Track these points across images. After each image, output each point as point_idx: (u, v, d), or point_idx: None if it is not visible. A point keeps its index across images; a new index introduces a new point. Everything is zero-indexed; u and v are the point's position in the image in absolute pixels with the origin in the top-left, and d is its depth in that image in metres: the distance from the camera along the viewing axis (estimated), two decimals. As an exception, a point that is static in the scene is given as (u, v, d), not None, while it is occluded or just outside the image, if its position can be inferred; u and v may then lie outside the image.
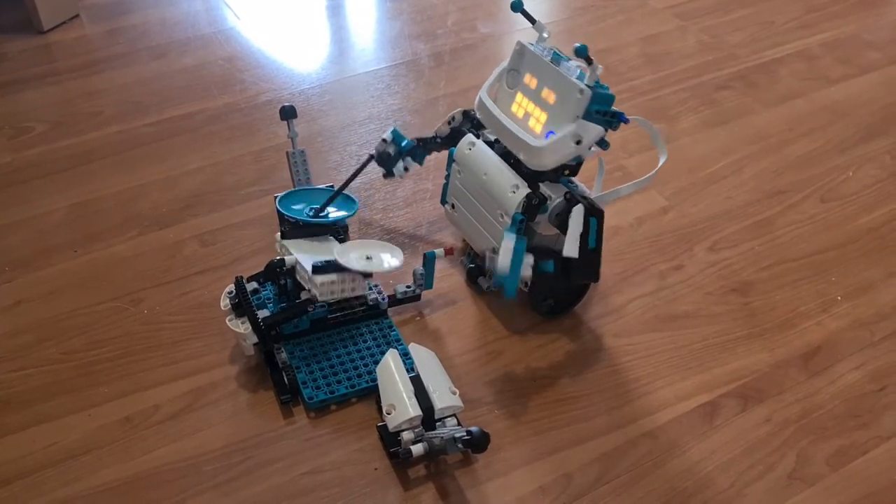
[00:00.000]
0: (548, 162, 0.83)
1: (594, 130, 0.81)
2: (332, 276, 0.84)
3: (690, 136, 1.26)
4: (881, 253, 1.05)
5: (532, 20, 0.87)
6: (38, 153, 1.21)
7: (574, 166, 0.87)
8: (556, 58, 0.84)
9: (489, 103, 0.89)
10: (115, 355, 0.90)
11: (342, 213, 0.93)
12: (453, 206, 0.96)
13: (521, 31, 1.53)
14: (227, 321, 0.84)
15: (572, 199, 0.84)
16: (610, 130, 0.82)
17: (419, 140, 0.99)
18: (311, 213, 0.91)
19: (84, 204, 1.12)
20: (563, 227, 0.87)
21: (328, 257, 0.84)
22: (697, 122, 1.29)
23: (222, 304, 0.86)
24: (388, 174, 1.00)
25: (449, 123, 0.99)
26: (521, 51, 0.87)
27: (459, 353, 0.91)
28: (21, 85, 1.37)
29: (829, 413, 0.86)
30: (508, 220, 0.85)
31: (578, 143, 0.81)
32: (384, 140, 0.98)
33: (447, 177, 0.96)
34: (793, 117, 1.30)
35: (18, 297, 0.97)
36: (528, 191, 0.84)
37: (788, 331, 0.95)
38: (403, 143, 0.97)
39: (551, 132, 0.83)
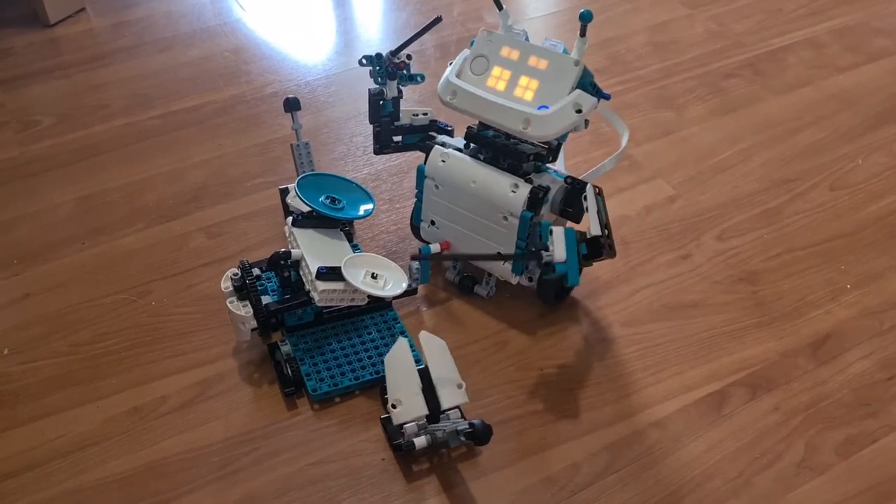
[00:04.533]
0: (553, 131, 0.82)
1: (590, 101, 0.81)
2: (335, 285, 0.83)
3: (698, 125, 1.25)
4: (890, 241, 1.04)
5: (500, 6, 0.86)
6: (46, 147, 1.22)
7: (553, 151, 0.87)
8: (546, 42, 0.84)
9: (466, 85, 0.86)
10: (122, 347, 0.91)
11: (360, 212, 0.92)
12: (432, 223, 0.94)
13: (528, 20, 1.53)
14: (227, 302, 0.84)
15: (575, 181, 0.84)
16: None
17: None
18: (327, 202, 0.90)
19: (91, 197, 1.12)
20: (565, 214, 0.87)
21: (334, 262, 0.84)
22: (705, 111, 1.28)
23: (223, 285, 0.85)
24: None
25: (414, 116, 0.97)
26: (487, 37, 0.87)
27: (465, 343, 0.91)
28: (28, 79, 1.37)
29: (837, 402, 0.85)
30: (515, 221, 0.85)
31: (579, 111, 0.81)
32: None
33: (418, 195, 0.94)
34: (801, 105, 1.29)
35: (26, 291, 0.98)
36: (531, 185, 0.84)
37: (797, 319, 0.94)
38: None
39: (543, 106, 0.83)
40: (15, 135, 1.24)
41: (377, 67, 0.93)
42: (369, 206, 0.93)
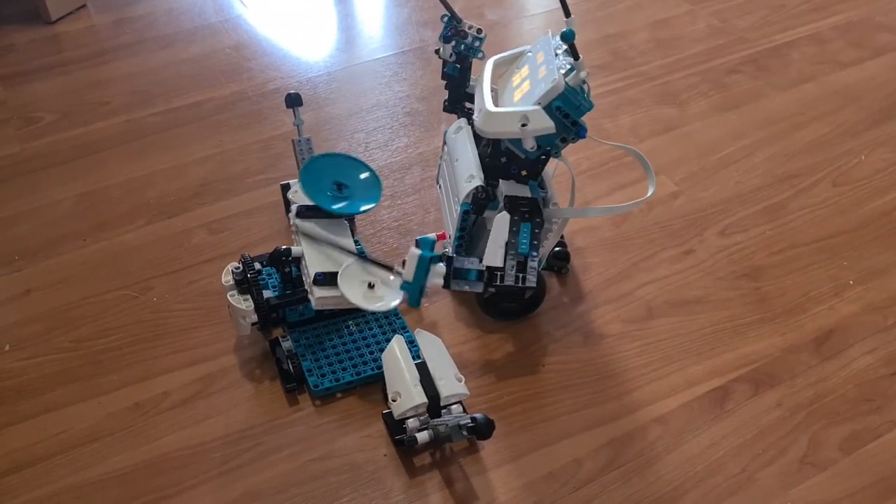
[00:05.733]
0: (489, 129, 0.80)
1: (543, 123, 0.77)
2: (332, 292, 0.83)
3: (701, 121, 1.25)
4: (893, 237, 1.04)
5: (567, 13, 0.84)
6: (47, 143, 1.22)
7: (529, 167, 0.83)
8: (559, 53, 0.83)
9: (487, 68, 0.88)
10: (124, 343, 0.91)
11: (364, 206, 0.92)
12: (440, 187, 0.97)
13: (528, 17, 1.52)
14: (228, 295, 0.84)
15: (509, 204, 0.81)
16: (569, 142, 0.79)
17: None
18: (333, 188, 0.90)
19: (92, 193, 1.12)
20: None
21: (336, 260, 0.83)
22: (708, 107, 1.28)
23: (224, 278, 0.85)
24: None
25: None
26: (542, 38, 0.87)
27: (466, 339, 0.91)
28: (29, 75, 1.37)
29: (841, 397, 0.85)
30: (458, 209, 0.85)
31: (524, 125, 0.77)
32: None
33: (441, 157, 0.96)
34: (804, 101, 1.29)
35: (28, 287, 0.98)
36: (480, 183, 0.82)
37: (800, 315, 0.94)
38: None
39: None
40: (16, 131, 1.24)
41: (445, 27, 0.90)
42: (369, 206, 0.92)
